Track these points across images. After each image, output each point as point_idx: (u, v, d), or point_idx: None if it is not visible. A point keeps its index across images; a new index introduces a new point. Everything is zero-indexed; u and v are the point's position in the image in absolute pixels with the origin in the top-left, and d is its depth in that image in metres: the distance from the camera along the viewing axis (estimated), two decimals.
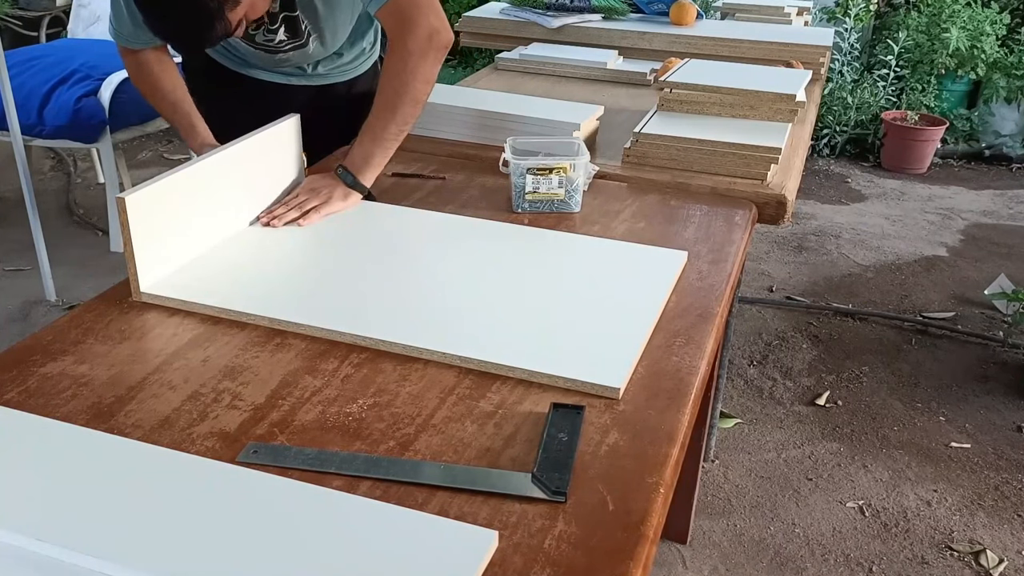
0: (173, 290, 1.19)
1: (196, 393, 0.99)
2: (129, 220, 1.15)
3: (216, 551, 0.76)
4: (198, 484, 0.84)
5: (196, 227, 1.28)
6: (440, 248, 1.35)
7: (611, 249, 1.37)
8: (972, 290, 3.34)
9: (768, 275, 3.44)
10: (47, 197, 3.92)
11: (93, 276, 3.22)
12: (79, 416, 0.95)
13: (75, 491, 0.82)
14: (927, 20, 4.68)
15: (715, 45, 2.48)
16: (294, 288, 1.23)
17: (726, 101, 1.82)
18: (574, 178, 1.48)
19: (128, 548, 0.76)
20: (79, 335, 1.11)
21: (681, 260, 1.32)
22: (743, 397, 2.68)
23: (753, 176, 1.64)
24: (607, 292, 1.23)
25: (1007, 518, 2.22)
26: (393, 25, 1.53)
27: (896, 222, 3.96)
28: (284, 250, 1.36)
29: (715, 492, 2.29)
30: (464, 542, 0.77)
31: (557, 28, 2.61)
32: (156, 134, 4.01)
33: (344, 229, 1.41)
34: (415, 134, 1.85)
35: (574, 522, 0.82)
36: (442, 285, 1.23)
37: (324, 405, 0.98)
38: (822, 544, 2.12)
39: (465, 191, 1.59)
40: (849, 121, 4.63)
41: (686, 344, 1.11)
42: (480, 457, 0.90)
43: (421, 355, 1.07)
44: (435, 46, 1.52)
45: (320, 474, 0.87)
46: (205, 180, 1.29)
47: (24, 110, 3.02)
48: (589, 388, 1.01)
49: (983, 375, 2.81)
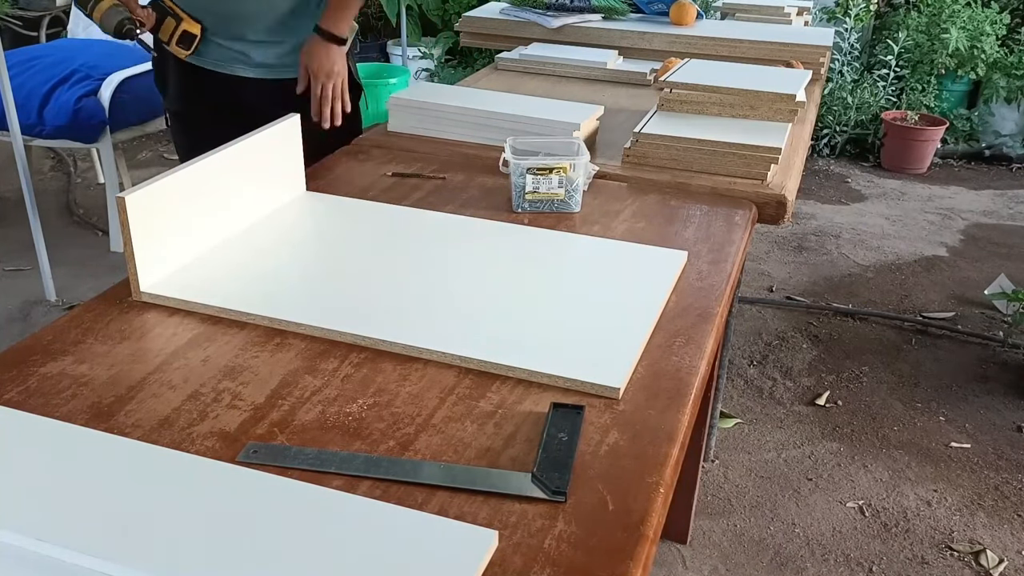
0: (173, 290, 1.19)
1: (196, 393, 0.99)
2: (129, 220, 1.15)
3: (216, 551, 0.76)
4: (198, 484, 0.84)
5: (196, 227, 1.28)
6: (440, 248, 1.35)
7: (611, 249, 1.37)
8: (972, 290, 3.34)
9: (768, 275, 3.44)
10: (47, 197, 3.92)
11: (93, 276, 3.22)
12: (79, 416, 0.95)
13: (75, 491, 0.82)
14: (927, 20, 4.69)
15: (715, 45, 2.48)
16: (294, 288, 1.23)
17: (726, 101, 1.82)
18: (574, 178, 1.48)
19: (128, 548, 0.76)
20: (79, 335, 1.11)
21: (681, 260, 1.32)
22: (743, 397, 2.68)
23: (753, 176, 1.64)
24: (607, 292, 1.23)
25: (1007, 518, 2.22)
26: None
27: (896, 222, 3.96)
28: (284, 250, 1.35)
29: (715, 492, 2.29)
30: (464, 542, 0.77)
31: (557, 28, 2.61)
32: (156, 134, 4.00)
33: (344, 229, 1.41)
34: (415, 134, 1.86)
35: (574, 522, 0.82)
36: (442, 285, 1.23)
37: (324, 405, 0.98)
38: (822, 544, 2.12)
39: (465, 191, 1.59)
40: (849, 121, 4.63)
41: (686, 344, 1.11)
42: (480, 457, 0.90)
43: (421, 355, 1.07)
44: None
45: (320, 474, 0.87)
46: (205, 180, 1.29)
47: (24, 110, 3.02)
48: (589, 388, 1.01)
49: (983, 375, 2.81)
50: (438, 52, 4.92)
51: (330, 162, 1.72)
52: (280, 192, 1.48)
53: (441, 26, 5.31)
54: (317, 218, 1.46)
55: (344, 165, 1.70)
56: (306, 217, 1.46)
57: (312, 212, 1.47)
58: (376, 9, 5.41)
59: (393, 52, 5.35)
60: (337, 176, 1.64)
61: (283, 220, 1.43)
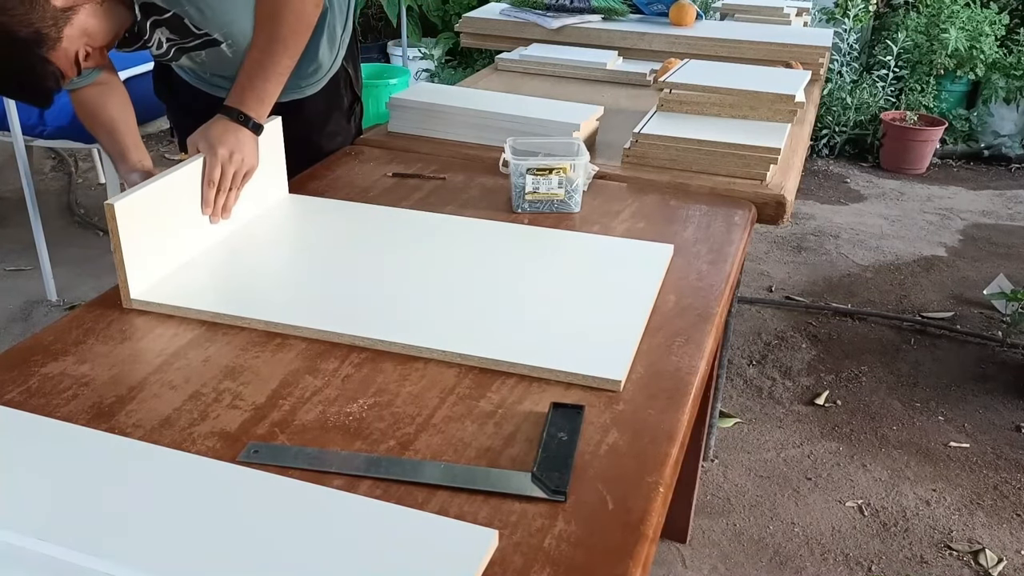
0: (165, 296, 1.17)
1: (197, 393, 1.00)
2: (119, 226, 1.13)
3: (216, 551, 0.76)
4: (199, 484, 0.84)
5: (186, 232, 1.27)
6: (440, 248, 1.35)
7: (600, 245, 1.38)
8: (971, 290, 3.35)
9: (767, 275, 3.44)
10: (48, 197, 3.93)
11: (94, 276, 3.22)
12: (80, 416, 0.95)
13: (76, 491, 0.83)
14: (926, 21, 4.69)
15: (715, 46, 2.48)
16: (294, 289, 1.23)
17: (726, 101, 1.82)
18: (574, 178, 1.49)
19: (128, 548, 0.76)
20: (80, 335, 1.11)
21: (668, 252, 1.33)
22: (742, 397, 2.68)
23: (752, 176, 1.64)
24: (602, 287, 1.23)
25: (1006, 517, 2.22)
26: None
27: (895, 222, 3.96)
28: (282, 252, 1.36)
29: (715, 491, 2.29)
30: (464, 541, 0.77)
31: (557, 29, 2.61)
32: (156, 134, 4.01)
33: (344, 230, 1.41)
34: (415, 135, 1.86)
35: (574, 521, 0.82)
36: (442, 285, 1.24)
37: (324, 405, 0.98)
38: (821, 543, 2.13)
39: (465, 191, 1.59)
40: (848, 121, 4.63)
41: (686, 344, 1.12)
42: (480, 456, 0.90)
43: (421, 354, 1.07)
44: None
45: (320, 474, 0.87)
46: (194, 184, 1.29)
47: (25, 110, 3.02)
48: (590, 382, 1.02)
49: (982, 375, 2.81)
50: (438, 53, 4.92)
51: (330, 162, 1.72)
52: (264, 195, 1.46)
53: (441, 27, 5.31)
54: (302, 220, 1.45)
55: (344, 166, 1.70)
56: (292, 220, 1.45)
57: (298, 215, 1.47)
58: (376, 10, 5.41)
59: (393, 53, 5.35)
60: (338, 176, 1.65)
61: (269, 223, 1.42)
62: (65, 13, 1.21)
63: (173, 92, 1.80)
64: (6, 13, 1.15)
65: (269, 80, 1.41)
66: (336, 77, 1.75)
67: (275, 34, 1.41)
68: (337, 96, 1.78)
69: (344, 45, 1.74)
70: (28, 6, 1.17)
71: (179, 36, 1.48)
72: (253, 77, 1.41)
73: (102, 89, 1.53)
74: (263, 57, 1.42)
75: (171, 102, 1.85)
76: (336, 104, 1.78)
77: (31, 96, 1.29)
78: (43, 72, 1.22)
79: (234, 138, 1.35)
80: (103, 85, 1.53)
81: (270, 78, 1.41)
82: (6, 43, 1.17)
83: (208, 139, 1.34)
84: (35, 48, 1.19)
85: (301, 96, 1.70)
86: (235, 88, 1.41)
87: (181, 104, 1.80)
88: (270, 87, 1.42)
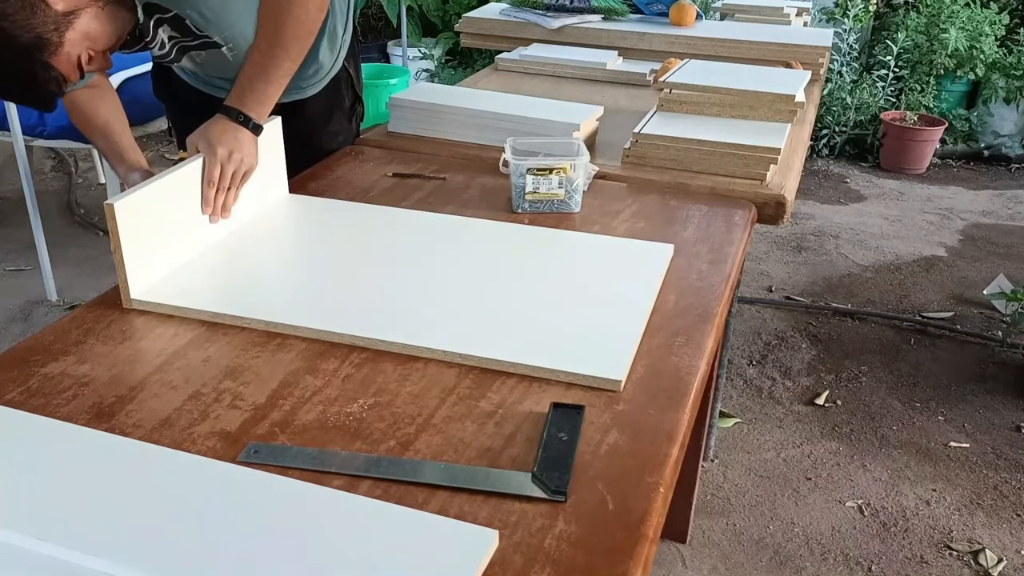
0: (165, 296, 1.17)
1: (197, 393, 1.00)
2: (119, 226, 1.13)
3: (216, 551, 0.76)
4: (199, 484, 0.84)
5: (185, 232, 1.27)
6: (440, 248, 1.35)
7: (600, 245, 1.38)
8: (971, 290, 3.35)
9: (767, 275, 3.44)
10: (48, 197, 3.93)
11: (94, 276, 3.22)
12: (80, 416, 0.95)
13: (76, 491, 0.83)
14: (926, 21, 4.69)
15: (714, 46, 2.48)
16: (294, 289, 1.23)
17: (726, 101, 1.82)
18: (574, 178, 1.49)
19: (128, 548, 0.76)
20: (80, 335, 1.11)
21: (668, 252, 1.33)
22: (742, 396, 2.68)
23: (752, 176, 1.64)
24: (602, 287, 1.23)
25: (1006, 517, 2.22)
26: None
27: (895, 222, 3.96)
28: (282, 251, 1.36)
29: (715, 491, 2.29)
30: (464, 541, 0.77)
31: (557, 29, 2.61)
32: (157, 134, 4.01)
33: (344, 230, 1.41)
34: (415, 134, 1.86)
35: (574, 521, 0.82)
36: (442, 285, 1.24)
37: (325, 405, 0.98)
38: (821, 543, 2.13)
39: (465, 191, 1.59)
40: (848, 121, 4.63)
41: (686, 344, 1.12)
42: (480, 457, 0.90)
43: (421, 354, 1.07)
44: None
45: (320, 474, 0.87)
46: (193, 183, 1.29)
47: (25, 110, 3.02)
48: (590, 382, 1.02)
49: (982, 375, 2.82)
50: (438, 53, 4.92)
51: (331, 163, 1.72)
52: (264, 195, 1.46)
53: (441, 27, 5.32)
54: (303, 220, 1.45)
55: (345, 166, 1.70)
56: (292, 220, 1.45)
57: (298, 215, 1.47)
58: (376, 10, 5.41)
59: (393, 53, 5.35)
60: (338, 176, 1.65)
61: (270, 223, 1.42)
62: (67, 17, 1.21)
63: (172, 92, 1.79)
64: (7, 18, 1.15)
65: (270, 83, 1.41)
66: (337, 77, 1.74)
67: (278, 38, 1.41)
68: (338, 96, 1.78)
69: (345, 46, 1.74)
70: (29, 11, 1.16)
71: (181, 34, 1.48)
72: (254, 79, 1.40)
73: (94, 92, 1.52)
74: (265, 60, 1.41)
75: (171, 102, 1.84)
76: (337, 104, 1.78)
77: (33, 101, 1.29)
78: (45, 77, 1.22)
79: (233, 138, 1.35)
80: (95, 88, 1.53)
81: (271, 81, 1.41)
82: (7, 48, 1.17)
83: (208, 139, 1.34)
84: (37, 53, 1.19)
85: (302, 97, 1.69)
86: (235, 88, 1.41)
87: (181, 104, 1.79)
88: (271, 90, 1.41)
